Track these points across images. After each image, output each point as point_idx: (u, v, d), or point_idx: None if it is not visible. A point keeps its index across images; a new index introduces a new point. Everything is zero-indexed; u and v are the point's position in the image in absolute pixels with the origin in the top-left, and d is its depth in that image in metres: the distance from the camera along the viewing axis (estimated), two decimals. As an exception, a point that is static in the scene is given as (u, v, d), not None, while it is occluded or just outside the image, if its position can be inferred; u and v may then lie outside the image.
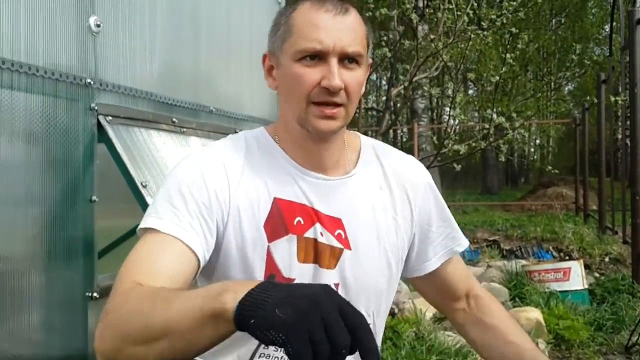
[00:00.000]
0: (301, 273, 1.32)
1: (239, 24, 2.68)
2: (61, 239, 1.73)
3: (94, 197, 1.81)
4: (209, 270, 1.29)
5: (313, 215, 1.34)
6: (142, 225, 1.22)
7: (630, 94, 5.10)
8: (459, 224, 1.58)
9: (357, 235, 1.38)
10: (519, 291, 4.77)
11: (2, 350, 1.58)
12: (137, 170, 1.85)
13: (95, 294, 1.79)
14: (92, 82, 1.83)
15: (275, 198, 1.32)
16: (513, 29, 5.08)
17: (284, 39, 1.26)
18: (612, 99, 6.41)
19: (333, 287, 1.25)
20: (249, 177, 1.32)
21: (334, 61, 1.24)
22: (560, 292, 4.73)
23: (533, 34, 18.41)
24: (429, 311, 4.36)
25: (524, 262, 5.92)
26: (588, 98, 10.42)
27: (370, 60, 1.39)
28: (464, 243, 1.58)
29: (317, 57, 1.24)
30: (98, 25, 1.86)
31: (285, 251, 1.31)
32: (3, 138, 1.59)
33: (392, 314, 3.92)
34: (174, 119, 2.20)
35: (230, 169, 1.30)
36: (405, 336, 3.69)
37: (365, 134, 1.74)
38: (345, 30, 1.25)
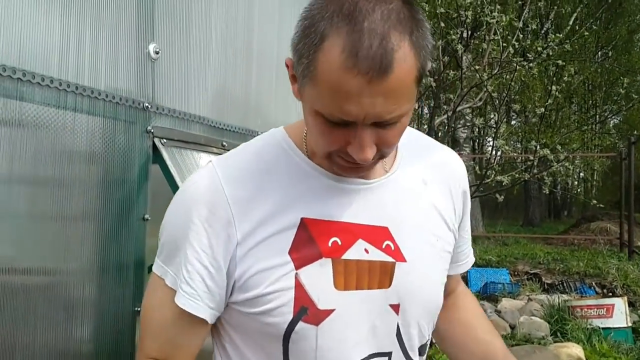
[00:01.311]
0: (343, 302, 1.13)
1: (288, 53, 2.76)
2: (114, 254, 1.80)
3: (146, 216, 1.88)
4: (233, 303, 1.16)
5: (354, 231, 1.14)
6: (159, 272, 1.16)
7: (679, 129, 5.03)
8: (499, 256, 1.53)
9: (408, 243, 1.19)
10: (560, 326, 4.71)
11: (54, 359, 1.65)
12: (188, 191, 1.92)
13: (144, 310, 1.86)
14: (149, 106, 1.92)
15: (302, 219, 1.12)
16: (559, 61, 5.06)
17: (305, 77, 0.99)
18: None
19: (390, 309, 1.16)
20: (266, 199, 1.12)
21: (363, 132, 0.99)
22: (602, 328, 4.64)
23: (578, 65, 18.24)
24: (468, 342, 4.32)
25: (565, 296, 5.82)
26: (635, 132, 10.25)
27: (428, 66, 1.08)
28: (472, 257, 1.46)
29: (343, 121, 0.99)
30: (157, 52, 1.95)
31: (318, 278, 1.11)
32: (65, 157, 1.68)
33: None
34: (224, 143, 2.27)
35: (237, 199, 1.11)
36: (443, 366, 3.67)
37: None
38: (383, 95, 0.94)
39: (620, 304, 4.81)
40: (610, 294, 6.37)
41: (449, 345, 1.48)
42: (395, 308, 1.18)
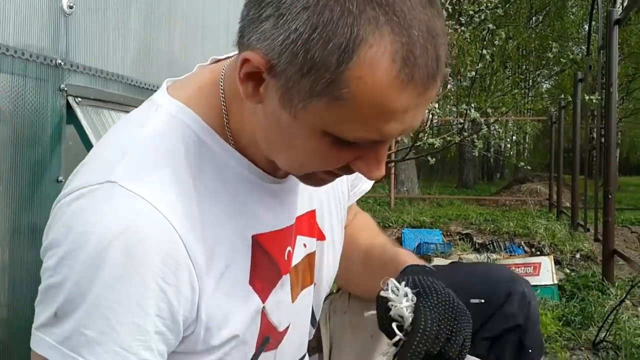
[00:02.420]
0: (294, 313, 1.04)
1: (216, 6, 2.67)
2: (27, 216, 1.71)
3: (60, 177, 1.79)
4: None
5: (295, 231, 1.02)
6: None
7: (606, 94, 5.16)
8: (433, 217, 1.50)
9: (324, 216, 1.13)
10: (489, 285, 4.81)
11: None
12: (107, 153, 1.84)
13: (60, 276, 1.78)
14: (62, 63, 1.81)
15: (254, 237, 0.93)
16: (491, 25, 5.12)
17: (318, 96, 0.73)
18: (587, 97, 6.50)
19: (312, 289, 1.11)
20: (207, 219, 0.86)
21: (385, 147, 0.83)
22: (529, 286, 4.77)
23: (513, 31, 18.55)
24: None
25: (495, 256, 5.98)
26: (564, 96, 10.54)
27: None
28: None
29: None
30: (71, 7, 1.84)
31: (280, 301, 0.98)
32: (-31, 116, 1.58)
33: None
34: (146, 103, 2.19)
35: (187, 234, 0.82)
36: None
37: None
38: (427, 103, 0.76)
39: (546, 263, 4.97)
40: (538, 252, 6.57)
41: (341, 276, 1.30)
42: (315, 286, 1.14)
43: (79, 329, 0.77)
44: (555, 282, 4.92)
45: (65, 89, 1.82)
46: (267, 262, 0.94)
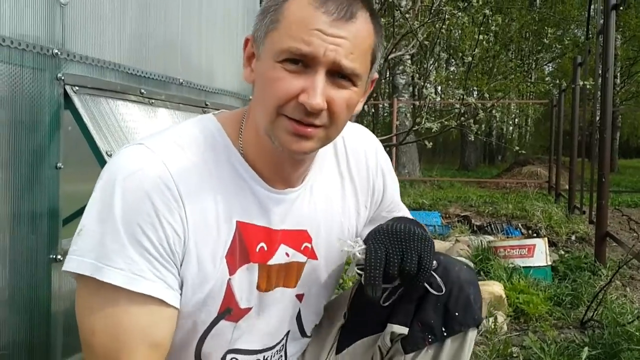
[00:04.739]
0: (260, 301, 1.25)
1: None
2: (26, 202, 1.78)
3: (59, 164, 1.86)
4: None
5: (278, 238, 1.23)
6: (98, 275, 1.03)
7: (602, 78, 5.17)
8: (433, 199, 1.57)
9: (321, 242, 1.32)
10: (483, 265, 4.89)
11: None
12: (103, 140, 1.90)
13: (59, 257, 1.86)
14: (59, 53, 1.87)
15: (237, 222, 1.17)
16: (487, 11, 5.13)
17: (269, 31, 1.06)
18: (581, 82, 6.52)
19: (296, 299, 1.33)
20: (207, 197, 1.13)
21: (320, 73, 1.03)
22: (523, 267, 4.84)
23: (515, 13, 18.41)
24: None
25: (491, 237, 6.04)
26: (562, 80, 10.52)
27: (376, 76, 1.21)
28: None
29: (303, 62, 1.03)
30: (66, -3, 1.90)
31: (245, 281, 1.20)
32: (-30, 105, 1.64)
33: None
34: (143, 90, 2.25)
35: (184, 190, 1.10)
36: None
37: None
38: (345, 39, 1.02)
39: (541, 244, 5.01)
40: (535, 234, 6.62)
41: None
42: (300, 297, 1.35)
43: (100, 241, 1.04)
44: (549, 263, 4.98)
45: (63, 78, 1.88)
46: (240, 246, 1.17)
